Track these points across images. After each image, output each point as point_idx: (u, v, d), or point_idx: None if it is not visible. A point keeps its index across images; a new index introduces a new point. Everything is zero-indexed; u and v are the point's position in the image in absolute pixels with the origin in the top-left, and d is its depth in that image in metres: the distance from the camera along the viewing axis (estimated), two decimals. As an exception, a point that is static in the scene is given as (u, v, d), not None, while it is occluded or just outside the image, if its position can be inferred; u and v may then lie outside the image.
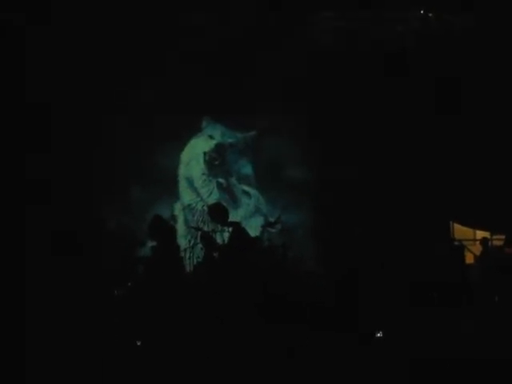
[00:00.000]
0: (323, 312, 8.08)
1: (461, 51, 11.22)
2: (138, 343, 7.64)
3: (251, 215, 12.53)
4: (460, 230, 11.83)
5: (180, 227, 12.34)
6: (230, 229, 10.34)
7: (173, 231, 9.14)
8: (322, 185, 12.15)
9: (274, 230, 11.69)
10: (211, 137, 12.52)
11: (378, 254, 10.05)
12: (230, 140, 12.56)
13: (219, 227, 11.02)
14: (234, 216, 12.11)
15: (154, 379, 6.59)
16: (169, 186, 12.42)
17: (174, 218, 12.36)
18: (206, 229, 11.56)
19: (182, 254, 10.63)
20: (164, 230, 8.66)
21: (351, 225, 11.12)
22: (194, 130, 12.54)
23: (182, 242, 11.80)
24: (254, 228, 12.16)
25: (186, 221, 12.44)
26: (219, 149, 12.50)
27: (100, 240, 10.62)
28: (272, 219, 12.28)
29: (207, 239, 10.48)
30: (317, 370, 6.53)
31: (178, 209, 12.49)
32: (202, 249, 10.64)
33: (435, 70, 11.34)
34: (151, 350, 7.32)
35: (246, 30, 11.54)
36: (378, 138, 11.65)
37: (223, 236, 10.76)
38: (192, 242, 11.15)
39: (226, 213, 11.08)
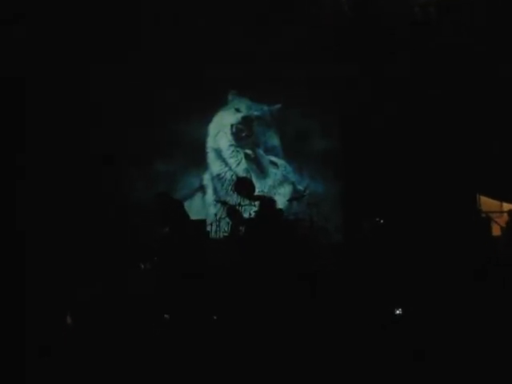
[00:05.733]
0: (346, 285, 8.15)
1: (483, 24, 11.00)
2: (166, 316, 7.78)
3: (279, 184, 12.64)
4: (486, 202, 11.72)
5: (209, 197, 12.55)
6: (257, 203, 10.48)
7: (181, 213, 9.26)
8: (348, 154, 12.16)
9: (300, 202, 11.74)
10: (238, 110, 12.66)
11: (404, 226, 10.07)
12: (256, 113, 12.67)
13: (245, 201, 11.15)
14: (262, 185, 12.37)
15: (182, 353, 6.65)
16: (197, 157, 12.54)
17: (203, 187, 12.51)
18: (232, 201, 11.70)
19: (209, 228, 10.83)
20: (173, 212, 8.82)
21: (377, 196, 11.08)
22: (220, 103, 12.66)
23: (212, 211, 12.07)
24: (282, 195, 12.39)
25: (215, 190, 12.55)
26: (246, 121, 12.64)
27: (127, 214, 10.80)
28: (301, 187, 12.36)
29: (233, 213, 10.61)
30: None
31: (206, 179, 12.60)
32: (228, 223, 10.81)
33: (458, 43, 11.16)
34: (179, 325, 7.47)
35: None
36: (403, 108, 11.54)
37: (250, 210, 10.90)
38: (218, 215, 11.23)
39: (251, 187, 11.22)
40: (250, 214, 10.71)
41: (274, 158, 12.64)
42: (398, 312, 7.76)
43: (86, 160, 11.17)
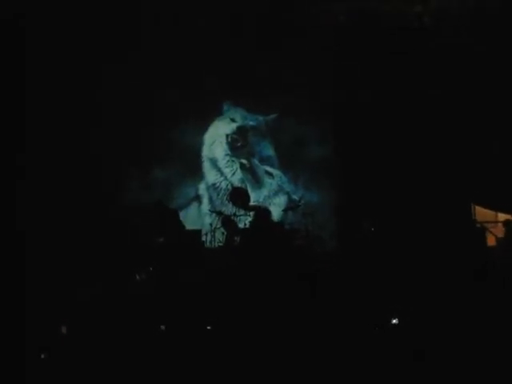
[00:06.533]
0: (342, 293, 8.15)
1: (478, 29, 11.07)
2: (162, 327, 7.77)
3: (275, 194, 12.64)
4: (481, 212, 11.73)
5: (204, 206, 12.53)
6: (252, 213, 10.49)
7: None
8: (342, 163, 12.17)
9: (296, 212, 11.74)
10: (233, 120, 12.66)
11: (397, 236, 10.07)
12: (251, 123, 12.67)
13: (241, 211, 11.15)
14: (257, 195, 12.37)
15: (178, 359, 6.64)
16: (193, 167, 12.53)
17: (198, 197, 12.51)
18: (228, 211, 11.69)
19: (204, 237, 10.83)
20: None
21: (371, 206, 11.09)
22: (215, 113, 12.65)
23: (207, 220, 12.07)
24: (277, 206, 12.38)
25: (211, 200, 12.55)
26: (241, 131, 12.64)
27: (122, 223, 10.80)
28: (296, 197, 12.36)
29: (228, 223, 10.60)
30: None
31: (202, 188, 12.60)
32: (223, 233, 10.79)
33: (453, 49, 11.22)
34: (175, 335, 7.46)
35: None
36: (398, 116, 11.58)
37: (245, 220, 10.90)
38: (213, 225, 11.23)
39: (246, 197, 11.23)
40: (245, 224, 10.70)
41: (269, 168, 12.63)
42: (394, 322, 7.79)
43: (86, 160, 11.17)
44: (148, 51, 11.74)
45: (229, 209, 11.88)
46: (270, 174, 12.63)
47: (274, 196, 12.63)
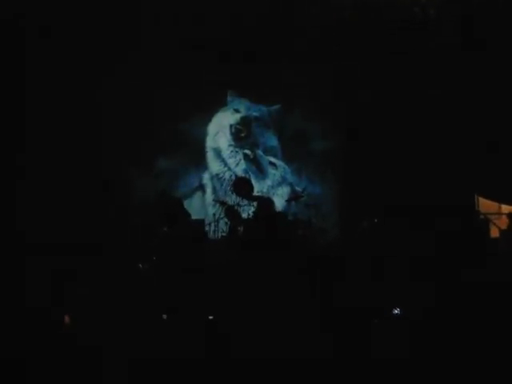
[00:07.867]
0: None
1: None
2: (164, 317, 7.79)
3: (278, 184, 12.69)
4: (485, 204, 11.73)
5: (208, 196, 12.61)
6: (255, 203, 10.50)
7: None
8: (346, 155, 12.20)
9: (298, 203, 11.77)
10: (237, 110, 12.71)
11: (400, 227, 10.07)
12: (255, 113, 12.71)
13: (244, 201, 11.18)
14: (261, 185, 12.43)
15: (181, 353, 6.65)
16: (197, 156, 12.59)
17: (202, 187, 12.54)
18: (231, 201, 11.72)
19: (207, 227, 10.86)
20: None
21: (374, 197, 11.10)
22: (219, 104, 12.71)
23: (211, 210, 12.11)
24: (281, 196, 12.42)
25: (215, 190, 12.61)
26: (245, 122, 12.68)
27: (128, 212, 10.82)
28: (299, 188, 12.39)
29: (232, 213, 10.63)
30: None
31: (206, 178, 12.65)
32: (226, 223, 10.83)
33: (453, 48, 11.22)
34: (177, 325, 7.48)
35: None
36: (402, 108, 11.59)
37: (248, 210, 10.93)
38: (217, 215, 11.25)
39: (250, 187, 11.24)
40: (249, 215, 10.73)
41: (272, 159, 12.68)
42: (396, 312, 7.80)
43: (87, 159, 11.19)
44: (149, 47, 11.68)
45: (232, 199, 11.91)
46: (274, 165, 12.67)
47: (277, 187, 12.68)
